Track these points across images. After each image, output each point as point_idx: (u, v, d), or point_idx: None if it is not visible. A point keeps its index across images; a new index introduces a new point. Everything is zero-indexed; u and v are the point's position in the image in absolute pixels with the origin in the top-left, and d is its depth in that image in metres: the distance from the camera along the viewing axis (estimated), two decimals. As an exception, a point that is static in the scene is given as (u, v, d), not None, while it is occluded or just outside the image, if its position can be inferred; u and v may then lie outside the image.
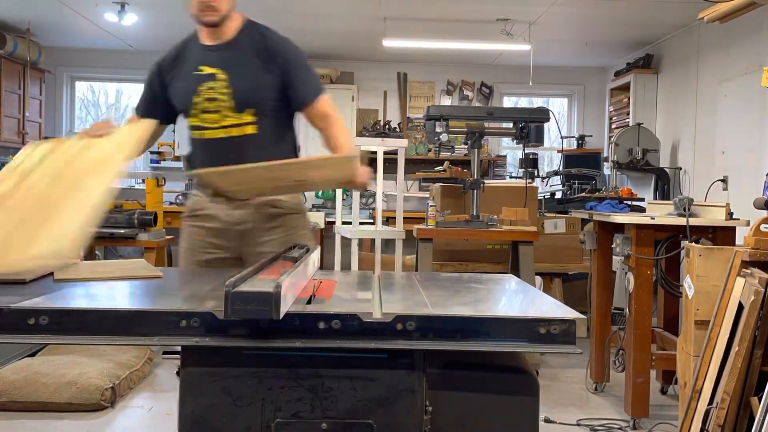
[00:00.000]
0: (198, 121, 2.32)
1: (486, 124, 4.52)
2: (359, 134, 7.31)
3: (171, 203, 7.12)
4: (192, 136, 2.37)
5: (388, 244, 5.37)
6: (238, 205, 2.31)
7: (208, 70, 2.28)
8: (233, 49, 2.30)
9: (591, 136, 7.79)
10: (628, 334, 3.48)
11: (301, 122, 2.48)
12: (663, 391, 4.01)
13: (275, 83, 2.30)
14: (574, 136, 7.76)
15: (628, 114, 6.99)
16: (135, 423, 3.41)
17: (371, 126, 7.57)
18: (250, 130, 2.29)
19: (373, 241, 5.38)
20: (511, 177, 7.36)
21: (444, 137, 4.21)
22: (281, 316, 1.26)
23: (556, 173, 6.49)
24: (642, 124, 6.10)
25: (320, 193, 7.55)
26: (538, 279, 5.01)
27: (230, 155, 2.18)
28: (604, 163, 6.83)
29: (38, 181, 1.81)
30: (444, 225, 4.13)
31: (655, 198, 6.10)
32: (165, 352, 1.81)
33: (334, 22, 6.09)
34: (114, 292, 1.70)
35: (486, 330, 1.36)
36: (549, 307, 1.58)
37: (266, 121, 2.31)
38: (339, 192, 5.11)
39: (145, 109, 2.42)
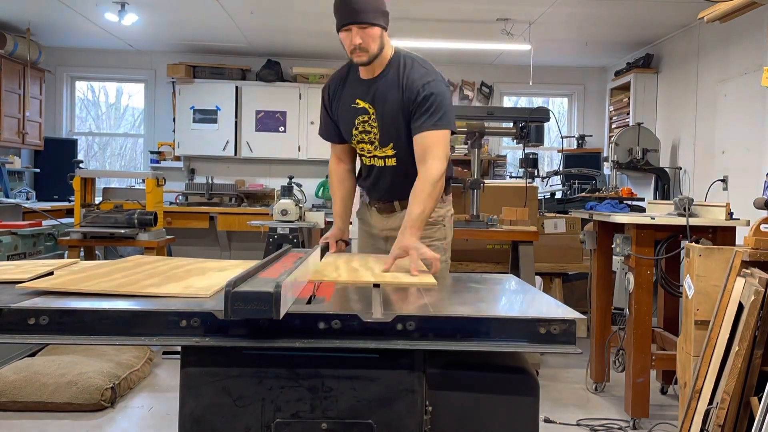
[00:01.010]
0: (358, 149, 2.60)
1: (486, 124, 4.51)
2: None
3: (171, 203, 7.13)
4: (360, 158, 2.66)
5: (388, 244, 5.36)
6: (388, 215, 2.64)
7: (362, 103, 2.48)
8: (380, 84, 2.44)
9: (591, 136, 7.79)
10: (628, 334, 3.48)
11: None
12: (663, 391, 4.01)
13: (408, 118, 2.40)
14: (574, 136, 7.76)
15: (628, 114, 6.99)
16: (135, 423, 3.41)
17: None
18: (390, 162, 2.52)
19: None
20: (511, 177, 7.35)
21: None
22: (281, 316, 1.26)
23: (556, 173, 6.48)
24: (642, 124, 6.10)
25: (320, 192, 7.56)
26: (538, 279, 5.01)
27: (380, 181, 2.58)
28: (604, 162, 6.82)
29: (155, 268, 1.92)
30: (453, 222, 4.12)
31: (655, 198, 6.10)
32: (165, 352, 1.81)
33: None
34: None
35: (486, 330, 1.36)
36: (549, 307, 1.58)
37: (404, 154, 2.46)
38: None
39: (335, 135, 2.63)
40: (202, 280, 1.70)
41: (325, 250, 2.51)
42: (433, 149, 2.34)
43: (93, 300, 1.44)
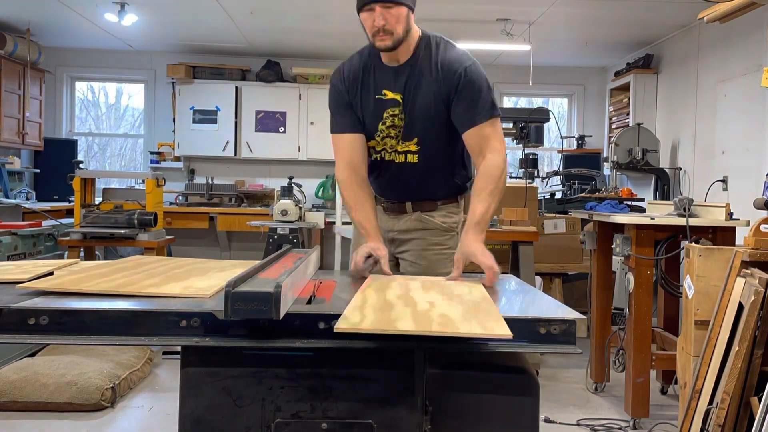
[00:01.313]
0: (379, 146, 2.28)
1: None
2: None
3: (171, 203, 7.13)
4: (371, 154, 2.33)
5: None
6: (396, 217, 2.39)
7: (390, 94, 2.21)
8: (410, 71, 2.18)
9: (591, 136, 7.79)
10: (628, 334, 3.48)
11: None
12: (663, 391, 4.01)
13: (442, 107, 2.18)
14: (574, 136, 7.76)
15: (628, 114, 6.98)
16: (135, 423, 3.41)
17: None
18: (411, 158, 2.26)
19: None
20: (511, 177, 7.34)
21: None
22: (281, 316, 1.26)
23: (556, 173, 6.48)
24: (642, 124, 6.10)
25: (320, 192, 7.56)
26: (538, 279, 5.01)
27: (395, 179, 2.31)
28: (604, 163, 6.83)
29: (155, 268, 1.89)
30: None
31: (655, 198, 6.10)
32: (165, 352, 1.81)
33: (334, 22, 6.09)
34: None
35: (486, 330, 1.36)
36: (549, 307, 1.58)
37: (430, 150, 2.24)
38: (339, 192, 5.11)
39: (351, 126, 2.27)
40: (202, 280, 1.70)
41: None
42: (491, 142, 2.14)
43: (93, 300, 1.44)
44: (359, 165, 2.27)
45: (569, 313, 1.41)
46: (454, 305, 1.50)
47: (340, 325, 1.26)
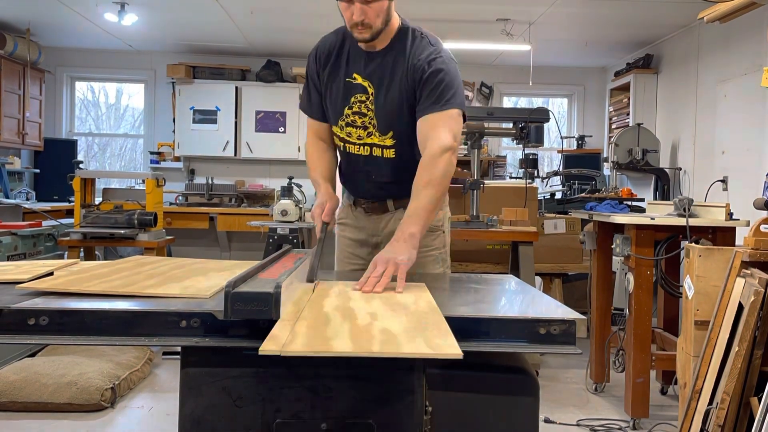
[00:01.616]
0: (342, 134, 2.20)
1: (486, 125, 4.51)
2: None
3: (171, 204, 7.13)
4: (336, 143, 2.27)
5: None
6: (379, 217, 2.29)
7: (359, 80, 2.12)
8: (383, 60, 2.10)
9: (591, 136, 7.79)
10: (628, 334, 3.48)
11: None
12: (663, 391, 4.01)
13: (412, 101, 2.08)
14: (574, 137, 7.76)
15: (628, 114, 6.99)
16: (135, 423, 3.41)
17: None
18: (388, 153, 2.17)
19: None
20: (511, 177, 7.36)
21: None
22: (281, 316, 1.26)
23: (556, 173, 6.48)
24: (642, 124, 6.10)
25: (320, 193, 7.55)
26: (538, 279, 5.01)
27: (370, 173, 2.20)
28: (604, 163, 6.82)
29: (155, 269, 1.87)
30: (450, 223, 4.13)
31: (655, 198, 6.10)
32: (165, 352, 1.81)
33: (334, 23, 6.07)
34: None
35: (486, 330, 1.36)
36: (549, 307, 1.58)
37: (406, 145, 2.13)
38: (338, 192, 5.11)
39: (320, 111, 2.24)
40: (201, 280, 1.70)
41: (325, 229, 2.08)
42: (436, 130, 1.99)
43: (93, 300, 1.44)
44: (326, 138, 2.26)
45: (569, 313, 1.41)
46: (397, 317, 1.37)
47: (266, 347, 1.10)
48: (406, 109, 2.09)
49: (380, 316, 1.38)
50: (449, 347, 1.15)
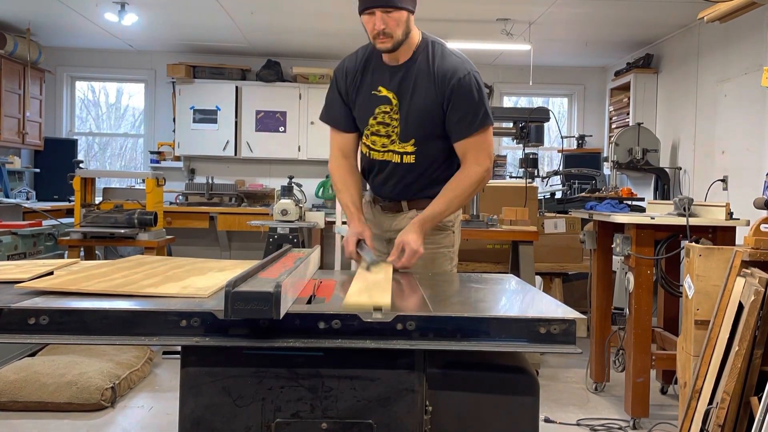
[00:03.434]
0: (368, 142, 2.38)
1: (486, 124, 4.50)
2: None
3: (171, 203, 7.13)
4: (362, 150, 2.45)
5: (388, 244, 5.36)
6: (393, 215, 2.46)
7: (384, 92, 2.29)
8: (407, 72, 2.25)
9: (591, 136, 7.79)
10: (628, 334, 3.48)
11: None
12: (663, 391, 4.01)
13: (439, 111, 2.24)
14: (574, 136, 7.76)
15: (628, 114, 6.98)
16: (135, 423, 3.41)
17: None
18: (408, 159, 2.33)
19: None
20: (511, 177, 7.35)
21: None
22: (281, 316, 1.26)
23: (556, 173, 6.49)
24: (642, 124, 6.10)
25: (320, 192, 7.56)
26: (538, 279, 5.01)
27: (391, 179, 2.38)
28: (604, 163, 6.83)
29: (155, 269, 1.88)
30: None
31: (655, 198, 6.10)
32: (165, 352, 1.81)
33: (334, 22, 6.08)
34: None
35: (486, 330, 1.36)
36: (549, 307, 1.58)
37: (426, 152, 2.31)
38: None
39: (344, 121, 2.41)
40: (201, 280, 1.70)
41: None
42: (476, 153, 2.25)
43: (93, 300, 1.44)
44: (350, 153, 2.44)
45: (569, 312, 1.41)
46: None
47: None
48: (428, 119, 2.25)
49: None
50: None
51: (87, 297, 1.47)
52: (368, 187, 2.57)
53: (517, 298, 1.88)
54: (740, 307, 2.50)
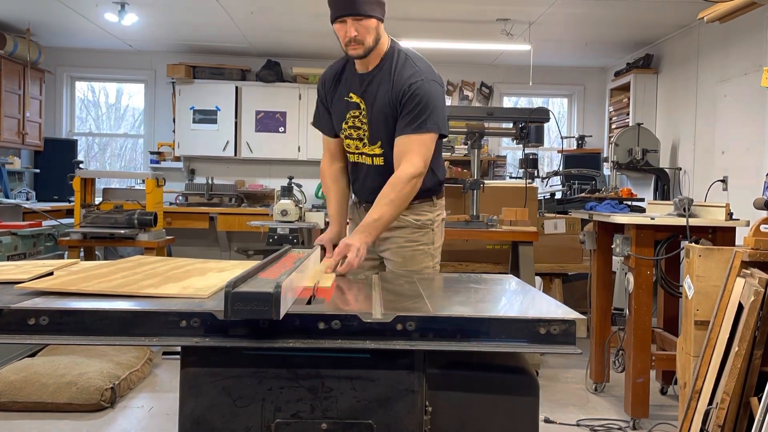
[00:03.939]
0: (344, 146, 2.54)
1: (486, 124, 4.51)
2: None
3: (171, 203, 7.13)
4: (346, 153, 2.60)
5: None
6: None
7: (354, 98, 2.43)
8: (373, 79, 2.38)
9: (591, 136, 7.79)
10: (628, 334, 3.48)
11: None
12: (663, 391, 4.01)
13: (395, 114, 2.34)
14: (574, 137, 7.76)
15: (628, 114, 6.99)
16: (135, 423, 3.41)
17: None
18: (378, 161, 2.46)
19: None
20: (511, 177, 7.35)
21: (444, 137, 4.20)
22: (281, 316, 1.26)
23: (556, 173, 6.48)
24: (642, 124, 6.10)
25: (320, 193, 7.56)
26: (538, 279, 5.01)
27: (367, 180, 2.50)
28: (604, 163, 6.82)
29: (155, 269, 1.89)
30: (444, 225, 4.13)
31: (655, 198, 6.10)
32: (165, 352, 1.81)
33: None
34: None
35: (486, 330, 1.36)
36: (549, 307, 1.58)
37: (391, 153, 2.39)
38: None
39: (329, 127, 2.57)
40: (201, 280, 1.70)
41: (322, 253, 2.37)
42: (409, 154, 2.29)
43: (93, 300, 1.44)
44: (338, 156, 2.60)
45: (569, 313, 1.41)
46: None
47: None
48: (391, 122, 2.36)
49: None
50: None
51: (87, 297, 1.47)
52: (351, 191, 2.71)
53: (516, 298, 1.88)
54: (740, 307, 2.50)
